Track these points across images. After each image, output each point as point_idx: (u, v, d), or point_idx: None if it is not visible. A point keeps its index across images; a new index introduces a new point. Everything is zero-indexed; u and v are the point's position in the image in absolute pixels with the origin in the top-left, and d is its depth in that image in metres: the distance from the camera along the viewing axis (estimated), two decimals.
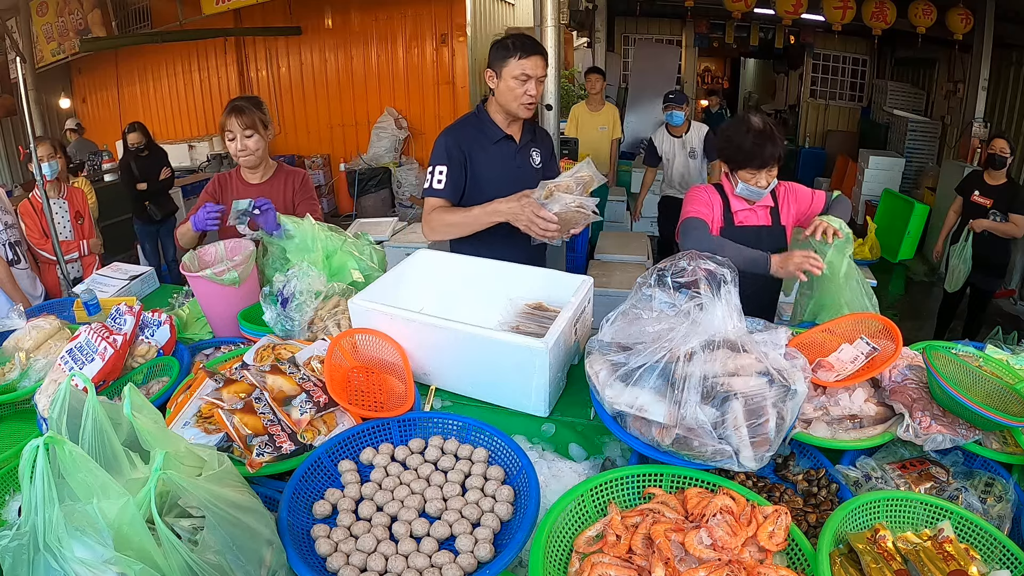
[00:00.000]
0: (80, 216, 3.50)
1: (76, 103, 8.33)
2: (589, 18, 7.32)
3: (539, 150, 2.08)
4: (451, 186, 1.90)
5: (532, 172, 2.04)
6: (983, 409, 1.08)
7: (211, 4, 6.41)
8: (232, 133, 2.05)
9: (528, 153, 2.04)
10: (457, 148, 1.91)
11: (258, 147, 2.08)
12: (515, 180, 1.93)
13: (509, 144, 1.98)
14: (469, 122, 1.99)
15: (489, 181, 1.94)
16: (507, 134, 1.97)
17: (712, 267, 1.18)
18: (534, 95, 1.86)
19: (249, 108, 2.06)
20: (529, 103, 1.87)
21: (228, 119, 2.04)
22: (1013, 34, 5.46)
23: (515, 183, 1.89)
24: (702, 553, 0.86)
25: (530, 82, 1.84)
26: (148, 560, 0.74)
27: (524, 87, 1.84)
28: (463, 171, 1.92)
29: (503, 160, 1.97)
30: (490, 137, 1.95)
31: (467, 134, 1.95)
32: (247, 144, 2.06)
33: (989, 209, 3.65)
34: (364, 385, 1.36)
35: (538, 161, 2.06)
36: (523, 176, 1.99)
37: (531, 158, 2.05)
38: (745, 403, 1.05)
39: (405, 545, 0.98)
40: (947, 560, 0.86)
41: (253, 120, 2.05)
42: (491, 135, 1.95)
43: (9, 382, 1.48)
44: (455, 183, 1.90)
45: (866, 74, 8.55)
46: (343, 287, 1.74)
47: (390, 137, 7.15)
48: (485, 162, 1.94)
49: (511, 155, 1.99)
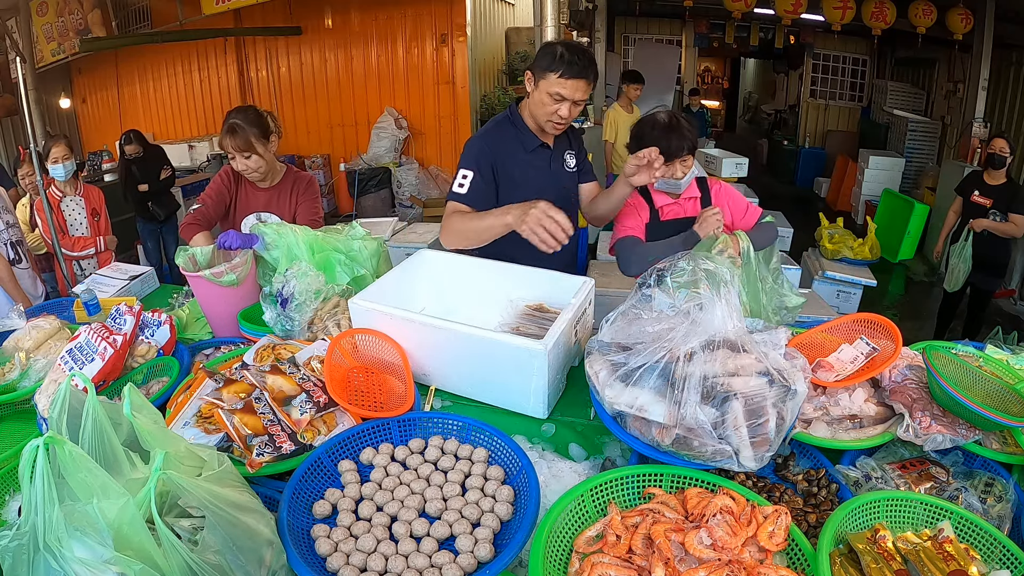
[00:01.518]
0: (97, 213, 3.55)
1: (76, 103, 8.33)
2: (589, 18, 7.32)
3: (574, 152, 1.97)
4: (474, 192, 1.77)
5: (567, 176, 1.95)
6: (983, 409, 1.08)
7: (211, 4, 6.41)
8: (232, 153, 2.01)
9: (562, 158, 1.93)
10: (488, 155, 1.80)
11: (259, 165, 2.04)
12: (549, 187, 1.84)
13: (545, 152, 1.88)
14: (503, 128, 1.86)
15: (522, 189, 1.82)
16: (543, 142, 1.86)
17: (712, 267, 1.18)
18: (565, 117, 1.74)
19: (242, 127, 1.98)
20: (559, 123, 1.76)
21: (224, 139, 2.00)
22: (1013, 34, 5.46)
23: (549, 190, 1.80)
24: (702, 553, 0.86)
25: (564, 104, 1.71)
26: (148, 560, 0.74)
27: (557, 107, 1.71)
28: (492, 178, 1.80)
29: (537, 168, 1.87)
30: (525, 145, 1.84)
31: (501, 140, 1.83)
32: (247, 164, 2.03)
33: (989, 209, 3.65)
34: (364, 385, 1.36)
35: (572, 165, 1.96)
36: (558, 182, 1.90)
37: (565, 163, 1.94)
38: (745, 403, 1.05)
39: (405, 545, 0.98)
40: (947, 560, 0.86)
41: (247, 140, 1.99)
42: (526, 143, 1.84)
43: (9, 382, 1.48)
44: (479, 190, 1.78)
45: (866, 74, 8.56)
46: (343, 287, 1.74)
47: (390, 137, 7.15)
48: (518, 170, 1.84)
49: (546, 163, 1.88)
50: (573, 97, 1.69)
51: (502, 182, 1.82)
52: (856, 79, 8.62)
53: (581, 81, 1.67)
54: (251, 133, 1.99)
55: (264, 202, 2.18)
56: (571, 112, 1.73)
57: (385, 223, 4.40)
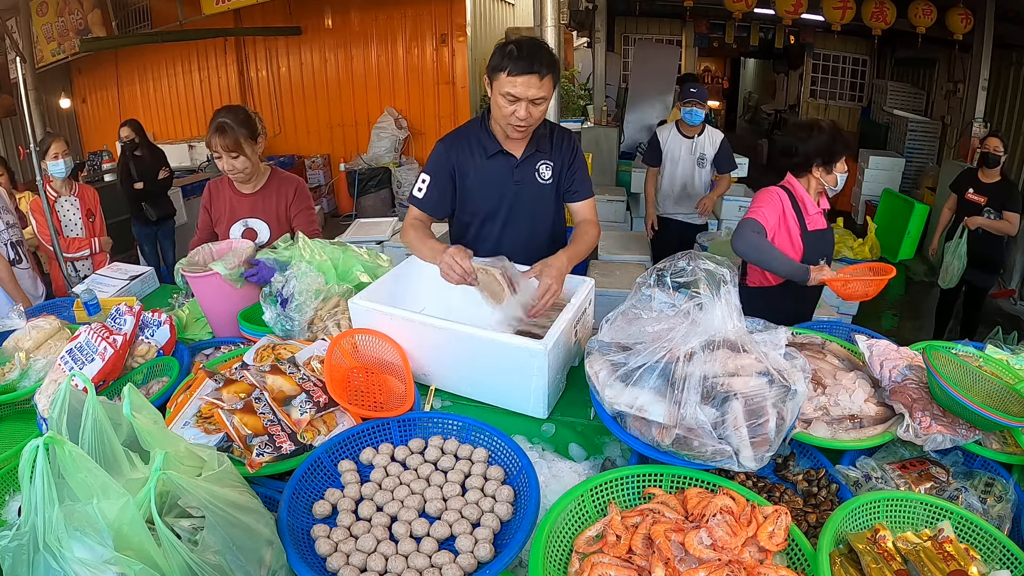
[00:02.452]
0: (92, 214, 3.53)
1: (76, 103, 8.33)
2: (589, 18, 7.32)
3: (550, 163, 1.82)
4: (429, 198, 1.79)
5: (537, 189, 1.82)
6: (983, 409, 1.08)
7: (211, 4, 6.41)
8: (218, 152, 1.99)
9: (533, 167, 1.81)
10: (447, 160, 1.78)
11: (245, 166, 2.02)
12: (507, 196, 1.80)
13: (506, 159, 1.79)
14: (468, 131, 1.82)
15: (479, 196, 1.80)
16: (503, 149, 1.77)
17: (711, 267, 1.18)
18: (523, 118, 1.60)
19: (231, 127, 1.96)
20: (518, 126, 1.63)
21: (212, 138, 1.98)
22: (1013, 34, 5.46)
23: (506, 199, 1.79)
24: (702, 553, 0.86)
25: (519, 104, 1.58)
26: (148, 560, 0.74)
27: (513, 108, 1.59)
28: (450, 184, 1.80)
29: (497, 176, 1.80)
30: (485, 151, 1.78)
31: (462, 145, 1.79)
32: (234, 164, 2.00)
33: (983, 207, 3.70)
34: (364, 385, 1.36)
35: (547, 176, 1.82)
36: (523, 193, 1.81)
37: (537, 173, 1.82)
38: (745, 403, 1.05)
39: (405, 545, 0.98)
40: (947, 560, 0.86)
41: (236, 141, 1.97)
42: (487, 148, 1.77)
43: (9, 382, 1.48)
44: (434, 196, 1.80)
45: (866, 74, 8.55)
46: (343, 287, 1.74)
47: (390, 137, 7.15)
48: (476, 177, 1.80)
49: (507, 171, 1.79)
50: (526, 96, 1.56)
51: (459, 186, 1.81)
52: (856, 79, 8.61)
53: (532, 77, 1.53)
54: (240, 134, 1.97)
55: (249, 208, 2.14)
56: (529, 112, 1.60)
57: (385, 223, 4.41)
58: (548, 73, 1.56)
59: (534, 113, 1.62)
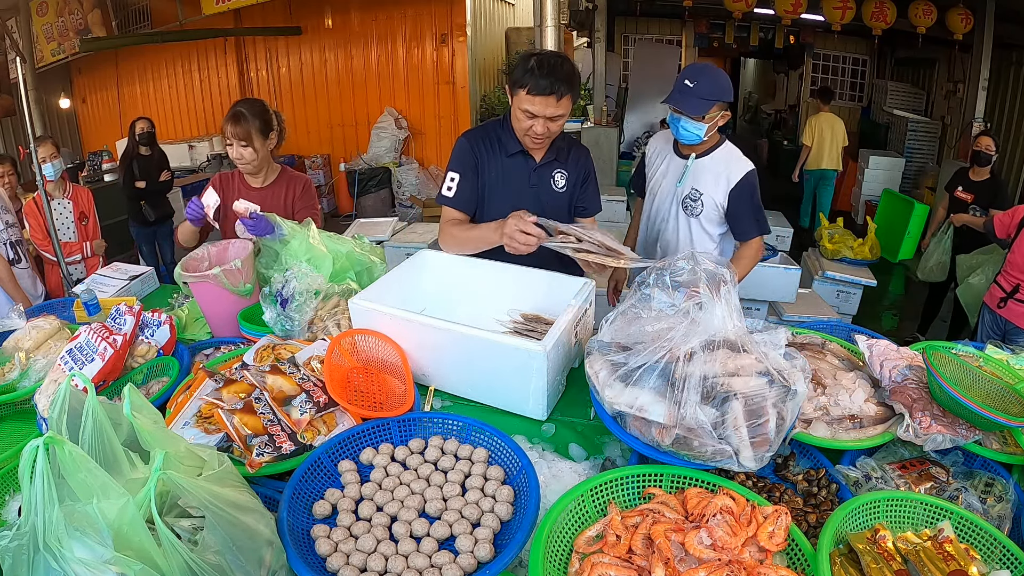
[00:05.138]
0: (84, 217, 3.49)
1: (76, 103, 8.32)
2: (589, 18, 7.32)
3: (566, 173, 1.84)
4: (460, 195, 1.78)
5: (552, 196, 1.84)
6: (983, 409, 1.08)
7: (211, 4, 6.41)
8: (230, 140, 2.02)
9: (550, 174, 1.83)
10: (472, 154, 1.78)
11: (253, 158, 2.04)
12: (528, 200, 1.77)
13: (526, 160, 1.80)
14: (491, 128, 1.82)
15: (499, 195, 1.81)
16: (523, 150, 1.79)
17: (711, 267, 1.18)
18: (540, 134, 1.66)
19: (246, 117, 1.99)
20: (535, 138, 1.69)
21: (226, 125, 2.01)
22: (1013, 34, 5.47)
23: (526, 198, 1.78)
24: (702, 553, 0.86)
25: (537, 121, 1.63)
26: (148, 560, 0.74)
27: (530, 123, 1.64)
28: (477, 179, 1.79)
29: (517, 176, 1.81)
30: (506, 149, 1.79)
31: (485, 140, 1.80)
32: (243, 154, 2.03)
33: (970, 204, 3.73)
34: (364, 385, 1.36)
35: (562, 185, 1.84)
36: (539, 197, 1.82)
37: (553, 180, 1.84)
38: (745, 403, 1.05)
39: (405, 545, 0.98)
40: (947, 560, 0.86)
41: (248, 131, 1.99)
42: (508, 147, 1.78)
43: (9, 382, 1.48)
44: (465, 192, 1.79)
45: (866, 74, 8.55)
46: (343, 287, 1.74)
47: (390, 137, 7.15)
48: (497, 174, 1.80)
49: (526, 172, 1.81)
50: (544, 114, 1.61)
51: (484, 181, 1.82)
52: (856, 79, 8.61)
53: (550, 98, 1.58)
54: (253, 125, 2.00)
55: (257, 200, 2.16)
56: (547, 128, 1.65)
57: (385, 223, 4.40)
58: (567, 93, 1.60)
59: (551, 128, 1.67)
